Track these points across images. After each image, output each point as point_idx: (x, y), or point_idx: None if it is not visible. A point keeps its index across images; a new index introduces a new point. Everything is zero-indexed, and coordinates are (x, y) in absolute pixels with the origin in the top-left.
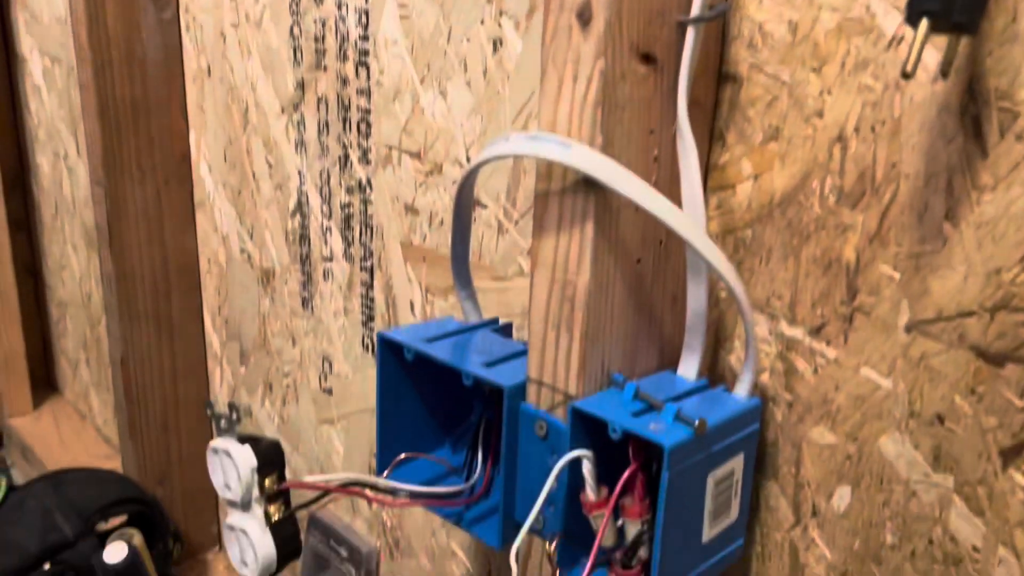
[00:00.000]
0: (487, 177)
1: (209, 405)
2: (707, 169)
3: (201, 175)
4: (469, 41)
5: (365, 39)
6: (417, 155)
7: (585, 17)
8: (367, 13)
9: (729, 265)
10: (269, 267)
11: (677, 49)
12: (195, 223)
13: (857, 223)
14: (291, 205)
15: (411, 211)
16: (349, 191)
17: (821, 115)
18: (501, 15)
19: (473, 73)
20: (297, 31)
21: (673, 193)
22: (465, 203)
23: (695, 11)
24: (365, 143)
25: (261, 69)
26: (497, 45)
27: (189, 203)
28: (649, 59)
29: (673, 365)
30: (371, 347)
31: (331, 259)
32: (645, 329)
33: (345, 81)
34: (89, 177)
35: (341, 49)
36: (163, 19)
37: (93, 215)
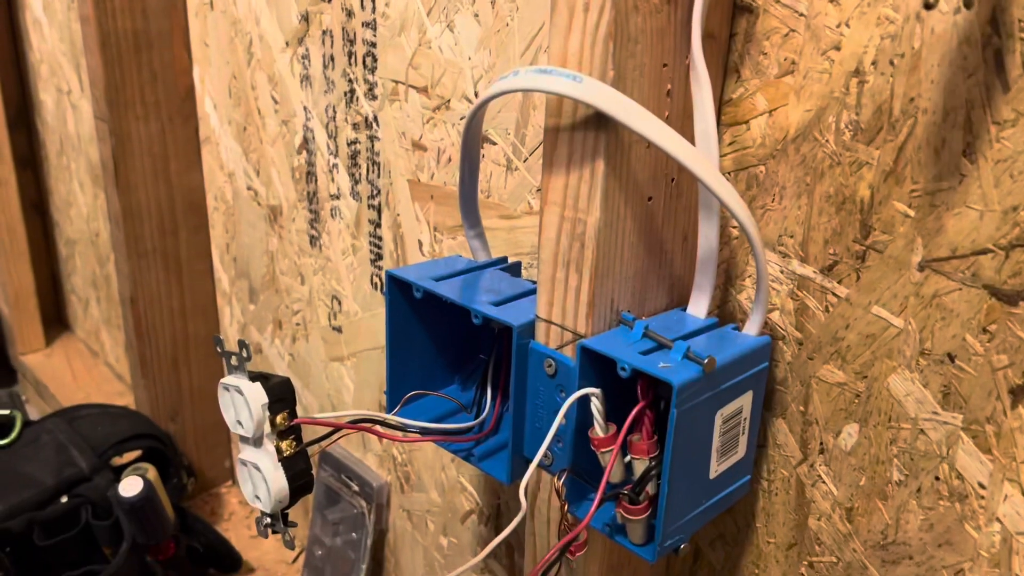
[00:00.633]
0: (495, 113)
1: (218, 342)
2: (720, 104)
3: (206, 111)
4: None
5: None
6: (424, 90)
7: None
8: None
9: (742, 203)
10: (276, 205)
11: None
12: (201, 160)
13: (873, 159)
14: (297, 142)
15: (418, 148)
16: (355, 127)
17: (838, 48)
18: None
19: (481, 5)
20: None
21: (686, 129)
22: (473, 140)
23: None
24: (371, 78)
25: (264, 1)
26: None
27: (194, 140)
28: None
29: (683, 304)
30: (380, 286)
31: (338, 197)
32: (655, 268)
33: (350, 13)
34: (93, 113)
35: None
36: None
37: (98, 152)
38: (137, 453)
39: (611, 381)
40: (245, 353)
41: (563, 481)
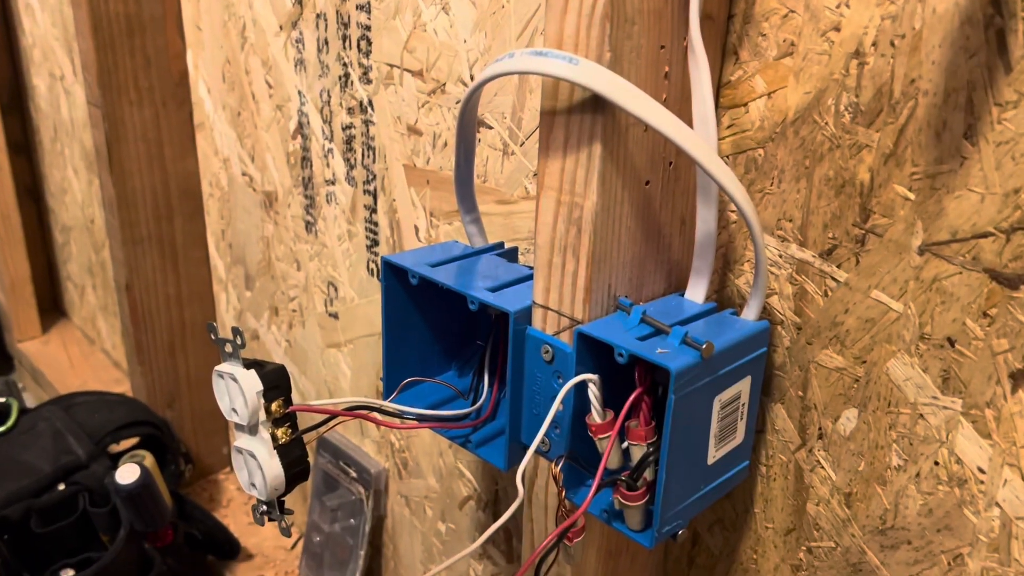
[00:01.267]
0: (491, 96)
1: (212, 329)
2: (719, 86)
3: (200, 96)
4: None
5: None
6: (419, 74)
7: None
8: None
9: (740, 186)
10: (271, 190)
11: None
12: (195, 146)
13: (873, 142)
14: (292, 127)
15: (414, 132)
16: (350, 112)
17: (838, 29)
18: None
19: None
20: None
21: (684, 112)
22: (469, 124)
23: None
24: (366, 61)
25: None
26: None
27: (188, 125)
28: None
29: (681, 288)
30: (376, 272)
31: (333, 182)
32: (653, 252)
33: None
34: (86, 98)
35: None
36: None
37: (92, 138)
38: (134, 440)
39: (608, 367)
40: (239, 340)
41: (560, 467)
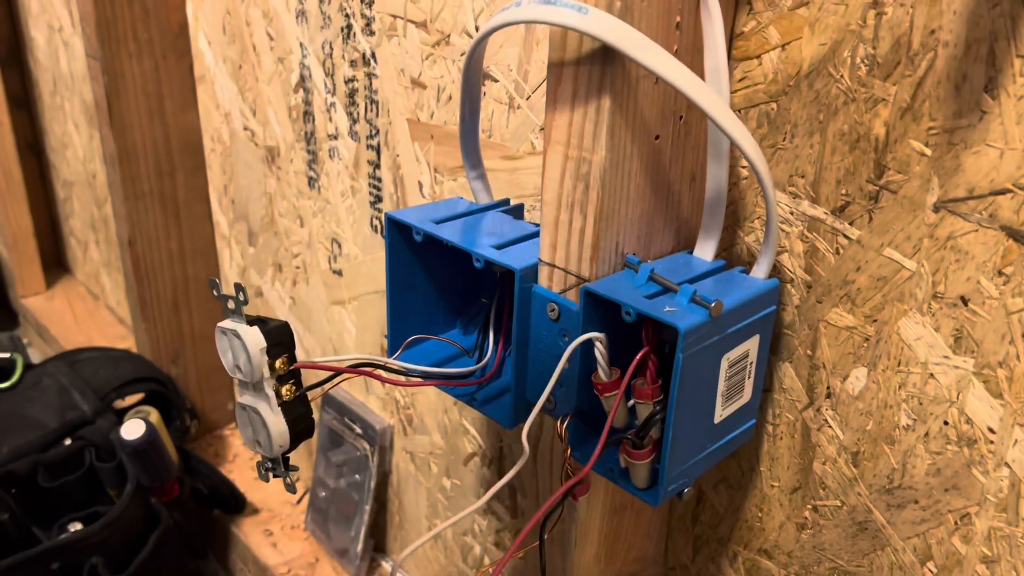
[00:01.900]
0: (497, 48)
1: (214, 285)
2: (731, 38)
3: (200, 48)
4: None
5: None
6: (423, 25)
7: None
8: None
9: (752, 141)
10: (273, 145)
11: None
12: (196, 99)
13: (889, 96)
14: (293, 80)
15: (418, 85)
16: (353, 64)
17: None
18: None
19: None
20: None
21: (695, 64)
22: (474, 76)
23: None
24: (368, 12)
25: None
26: None
27: (189, 78)
28: None
29: (690, 246)
30: (380, 228)
31: (336, 137)
32: (662, 209)
33: None
34: (84, 51)
35: None
36: None
37: (91, 91)
38: (139, 396)
39: (615, 325)
40: (242, 296)
41: (566, 425)
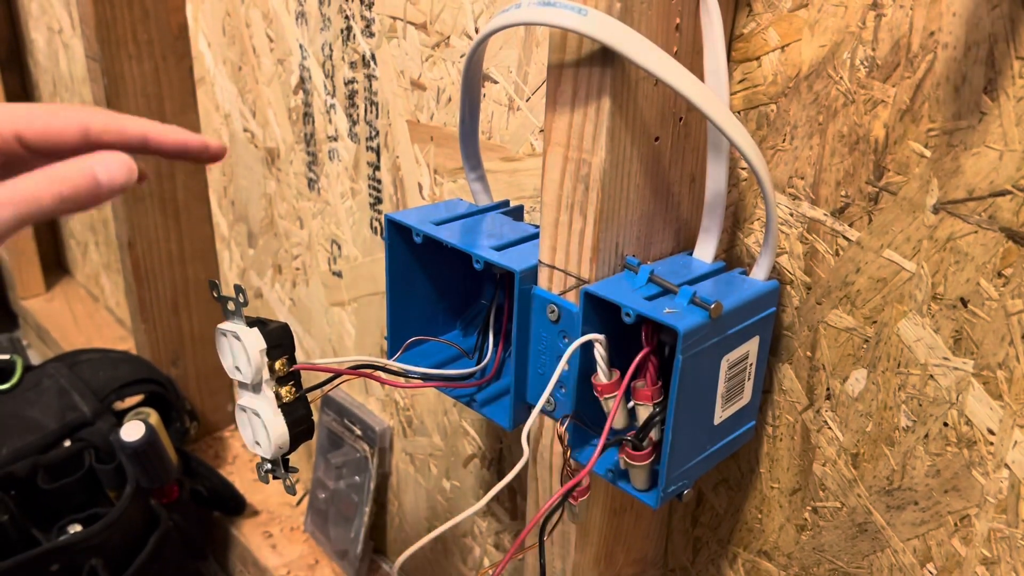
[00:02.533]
0: (497, 50)
1: (213, 286)
2: (731, 39)
3: (200, 50)
4: None
5: None
6: (423, 26)
7: None
8: None
9: (752, 143)
10: (273, 147)
11: None
12: (196, 101)
13: (889, 97)
14: (293, 81)
15: (417, 87)
16: (352, 66)
17: None
18: None
19: None
20: None
21: (695, 65)
22: (473, 78)
23: None
24: (368, 14)
25: None
26: None
27: (189, 80)
28: None
29: (690, 247)
30: (380, 230)
31: (336, 138)
32: (661, 211)
33: None
34: (84, 52)
35: None
36: None
37: (91, 93)
38: (139, 398)
39: (615, 326)
40: (242, 298)
41: (566, 427)
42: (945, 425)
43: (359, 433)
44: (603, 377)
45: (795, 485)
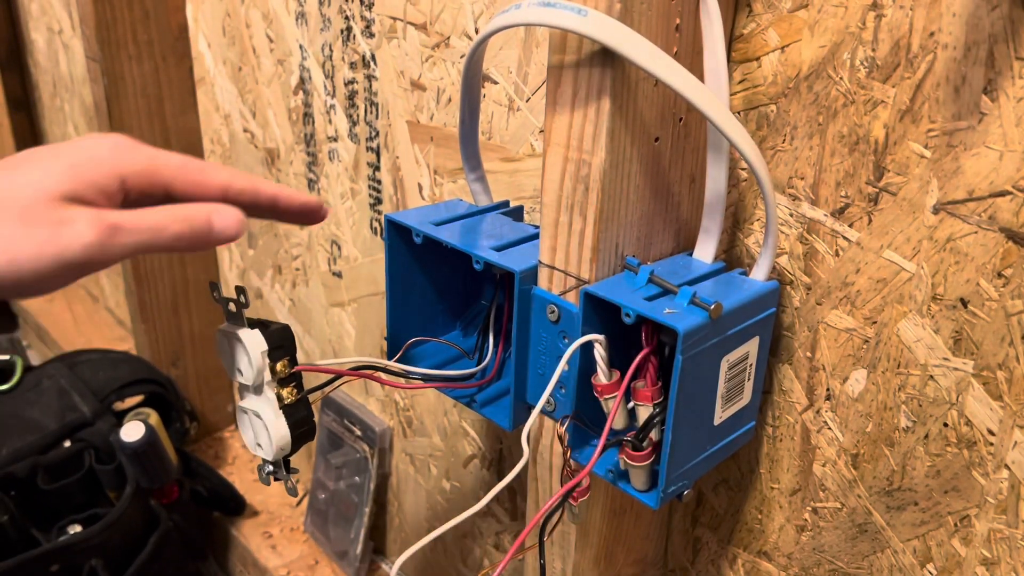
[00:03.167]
0: (497, 51)
1: (214, 288)
2: (731, 40)
3: (200, 50)
4: None
5: None
6: (423, 27)
7: None
8: None
9: (752, 143)
10: (273, 147)
11: None
12: (196, 101)
13: (888, 98)
14: (293, 82)
15: (417, 87)
16: (352, 66)
17: None
18: None
19: None
20: None
21: (695, 66)
22: (473, 79)
23: None
24: (368, 14)
25: None
26: None
27: (189, 80)
28: None
29: (689, 248)
30: (380, 230)
31: (336, 139)
32: (661, 211)
33: None
34: (84, 53)
35: None
36: None
37: (91, 93)
38: (139, 398)
39: (615, 327)
40: (243, 299)
41: (566, 427)
42: (945, 426)
43: (359, 434)
44: (603, 377)
45: (795, 485)
